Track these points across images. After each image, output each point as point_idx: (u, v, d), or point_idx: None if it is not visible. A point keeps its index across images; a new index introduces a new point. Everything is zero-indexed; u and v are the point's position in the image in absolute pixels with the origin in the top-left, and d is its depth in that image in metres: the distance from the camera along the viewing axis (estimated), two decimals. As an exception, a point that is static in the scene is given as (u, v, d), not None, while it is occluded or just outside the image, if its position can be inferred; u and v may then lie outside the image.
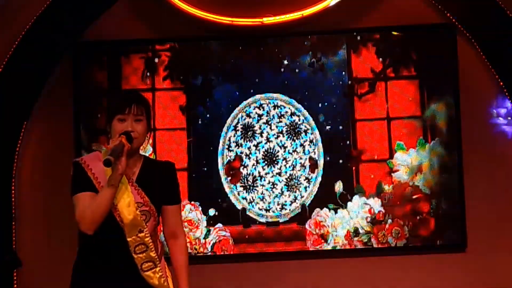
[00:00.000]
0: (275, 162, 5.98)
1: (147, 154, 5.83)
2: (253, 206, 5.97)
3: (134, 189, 3.55)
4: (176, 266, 3.69)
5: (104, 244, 3.51)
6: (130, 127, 3.51)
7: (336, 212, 5.95)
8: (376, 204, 5.95)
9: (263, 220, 5.97)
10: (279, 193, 5.97)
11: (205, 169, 5.98)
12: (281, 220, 5.97)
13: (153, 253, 3.55)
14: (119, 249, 3.52)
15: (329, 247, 5.94)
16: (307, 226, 5.95)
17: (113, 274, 3.51)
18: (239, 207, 5.96)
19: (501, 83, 5.99)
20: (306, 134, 5.99)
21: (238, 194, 5.96)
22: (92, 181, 3.53)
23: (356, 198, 5.95)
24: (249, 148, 5.98)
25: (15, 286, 5.96)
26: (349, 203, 5.94)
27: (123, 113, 3.53)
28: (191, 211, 5.94)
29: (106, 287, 3.52)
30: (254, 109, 6.01)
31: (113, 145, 3.42)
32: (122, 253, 3.51)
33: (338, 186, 5.96)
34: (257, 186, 5.97)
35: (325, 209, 5.95)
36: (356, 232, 5.93)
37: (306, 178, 5.97)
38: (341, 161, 5.98)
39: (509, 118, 6.02)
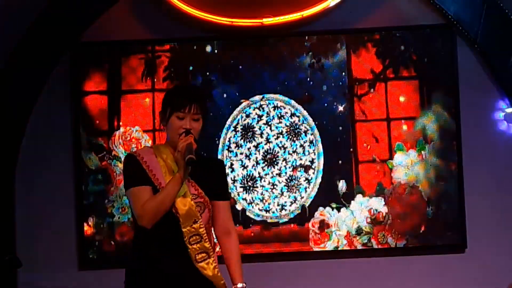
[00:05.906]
0: (275, 162, 5.98)
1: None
2: (252, 207, 5.97)
3: (187, 181, 3.58)
4: (231, 262, 3.67)
5: (160, 235, 3.54)
6: (188, 126, 3.57)
7: (339, 211, 5.95)
8: (376, 204, 5.95)
9: (263, 220, 5.98)
10: (278, 193, 5.97)
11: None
12: (280, 221, 5.98)
13: (207, 243, 3.56)
14: (174, 240, 3.54)
15: (329, 248, 5.94)
16: (307, 226, 5.95)
17: (168, 265, 3.54)
18: (239, 207, 5.96)
19: (501, 84, 5.98)
20: (305, 135, 5.99)
21: (238, 194, 5.96)
22: (148, 174, 3.57)
23: (359, 197, 5.95)
24: (248, 148, 5.98)
25: (16, 286, 5.98)
26: (352, 202, 5.95)
27: (182, 111, 3.57)
28: (191, 212, 5.93)
29: (161, 279, 3.54)
30: (253, 109, 6.01)
31: (186, 144, 3.49)
32: (176, 244, 3.54)
33: (342, 186, 5.96)
34: (256, 187, 5.97)
35: (327, 208, 5.95)
36: (358, 231, 5.93)
37: (306, 179, 5.97)
38: (340, 162, 5.98)
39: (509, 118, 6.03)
